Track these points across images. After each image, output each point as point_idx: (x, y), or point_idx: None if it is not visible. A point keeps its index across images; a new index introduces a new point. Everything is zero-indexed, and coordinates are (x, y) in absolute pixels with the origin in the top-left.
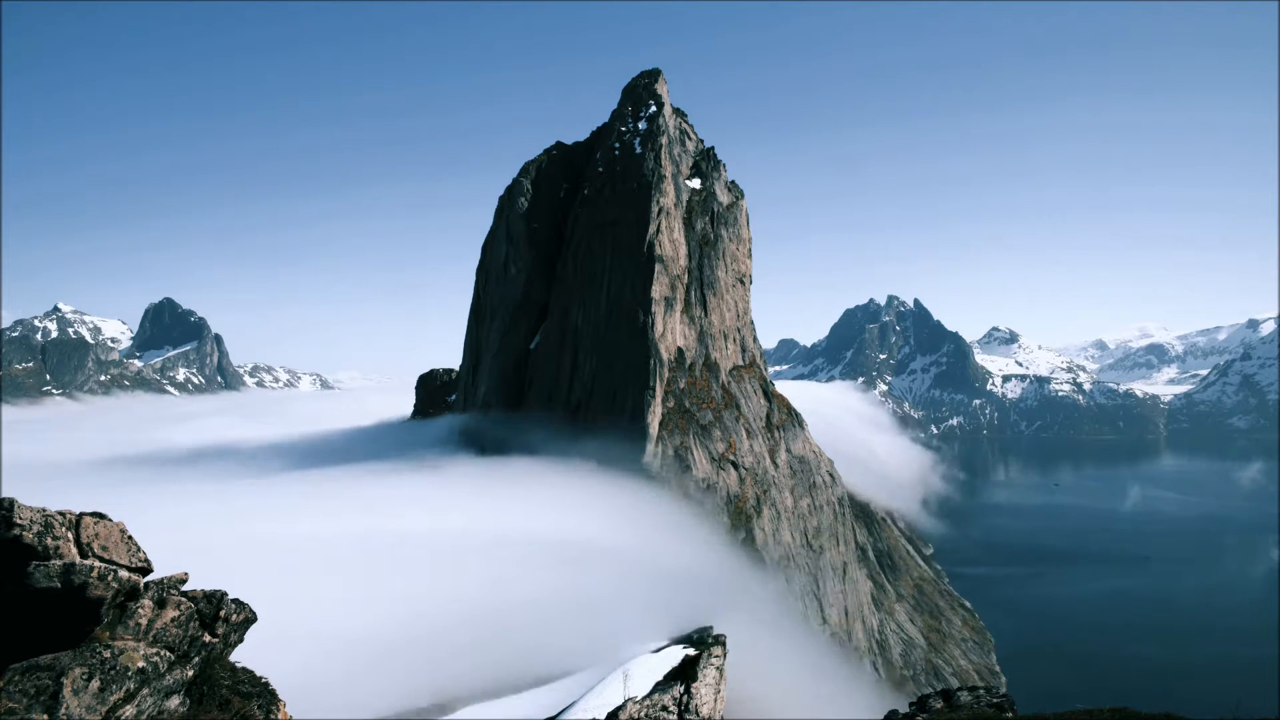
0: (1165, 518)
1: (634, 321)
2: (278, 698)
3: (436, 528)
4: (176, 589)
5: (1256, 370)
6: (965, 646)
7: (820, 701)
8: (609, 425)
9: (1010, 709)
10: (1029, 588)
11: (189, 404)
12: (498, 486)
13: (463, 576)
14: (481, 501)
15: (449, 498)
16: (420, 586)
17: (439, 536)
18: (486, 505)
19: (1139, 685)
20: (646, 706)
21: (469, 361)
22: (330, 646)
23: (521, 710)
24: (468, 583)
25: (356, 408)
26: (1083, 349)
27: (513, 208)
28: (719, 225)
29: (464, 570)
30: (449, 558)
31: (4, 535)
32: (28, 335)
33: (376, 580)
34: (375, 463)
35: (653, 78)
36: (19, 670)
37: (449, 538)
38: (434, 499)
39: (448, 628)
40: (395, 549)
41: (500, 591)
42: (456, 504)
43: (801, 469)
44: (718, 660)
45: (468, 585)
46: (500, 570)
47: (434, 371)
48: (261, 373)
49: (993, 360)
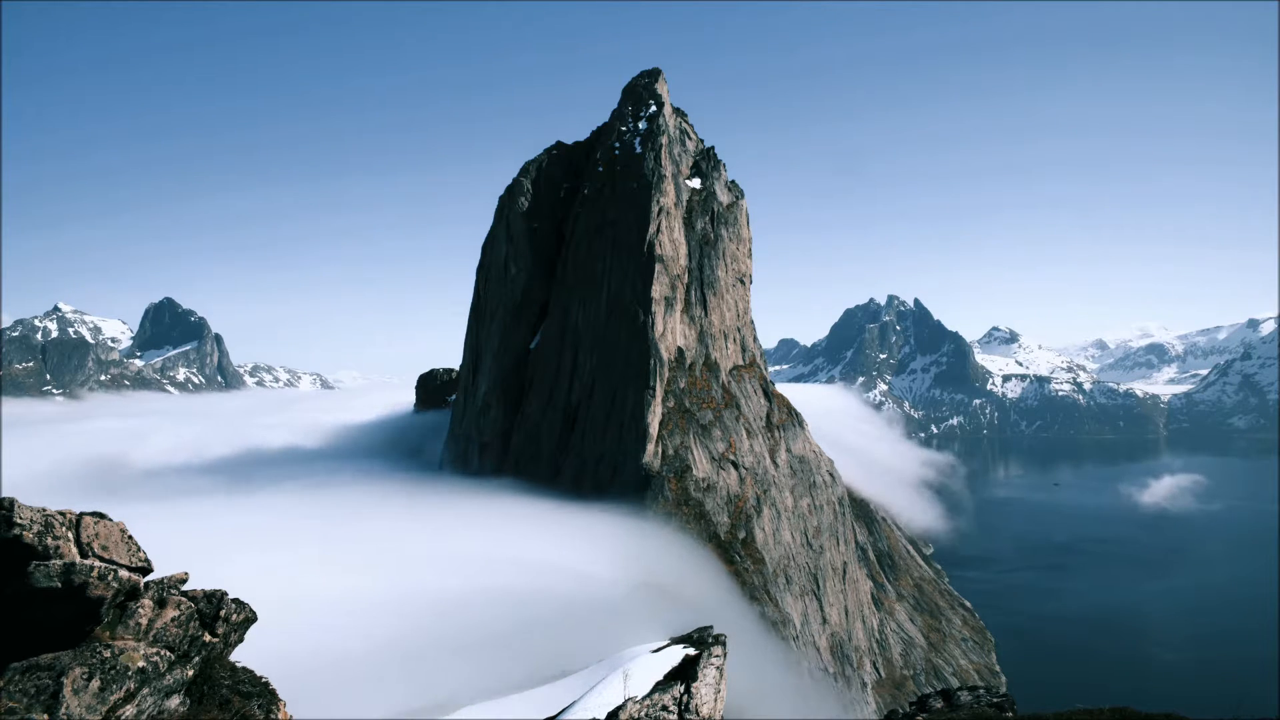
0: (1166, 518)
1: (634, 321)
2: (278, 698)
3: (435, 544)
4: (177, 589)
5: (1257, 370)
6: (965, 646)
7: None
8: (610, 411)
9: (1010, 709)
10: (1029, 587)
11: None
12: (489, 518)
13: (463, 577)
14: (482, 493)
15: (452, 489)
16: (420, 587)
17: (441, 536)
18: (488, 496)
19: (1139, 685)
20: (646, 706)
21: (469, 361)
22: (330, 646)
23: (521, 710)
24: (468, 583)
25: (359, 407)
26: (1083, 349)
27: (513, 207)
28: (719, 225)
29: (464, 571)
30: (449, 559)
31: (4, 535)
32: (28, 335)
33: (377, 580)
34: (371, 484)
35: (653, 77)
36: (19, 670)
37: (448, 552)
38: (436, 490)
39: (447, 627)
40: (395, 549)
41: (500, 591)
42: (458, 499)
43: (802, 469)
44: (718, 660)
45: (468, 585)
46: (501, 571)
47: (434, 371)
48: (261, 372)
49: (993, 360)
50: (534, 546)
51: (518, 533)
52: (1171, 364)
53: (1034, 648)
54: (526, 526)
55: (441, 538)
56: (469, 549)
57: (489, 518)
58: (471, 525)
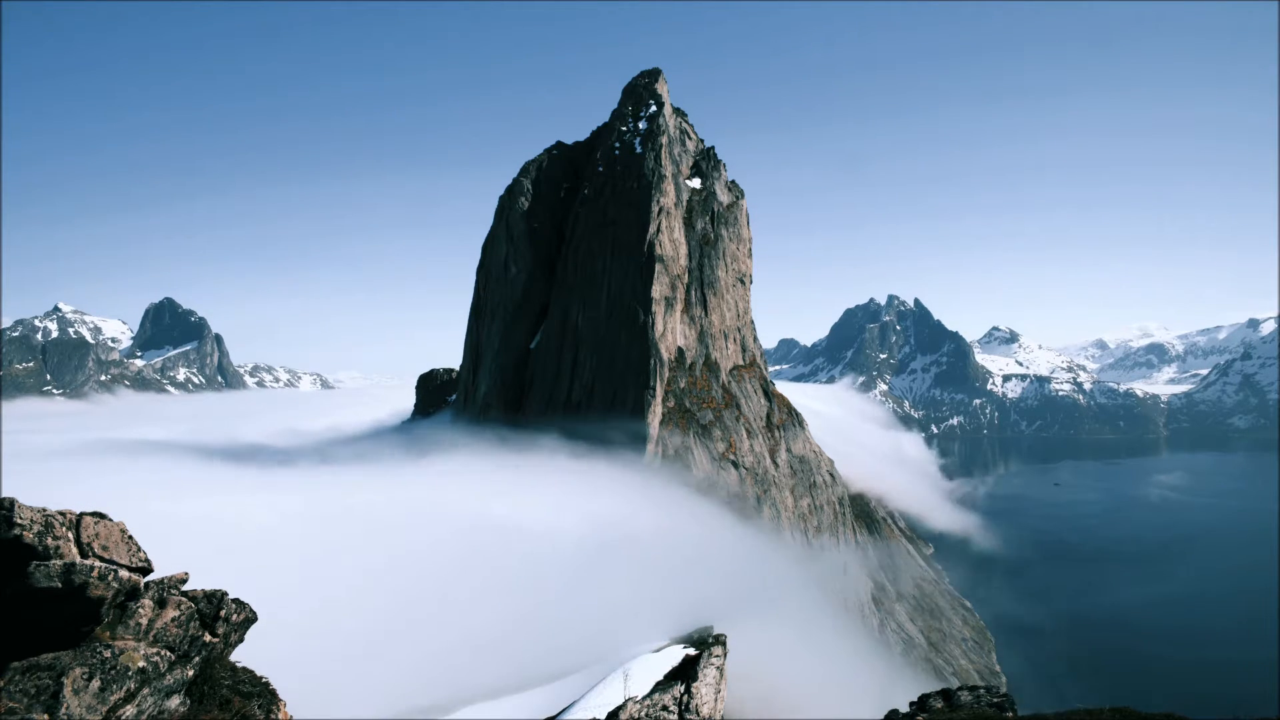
0: (1166, 517)
1: (634, 321)
2: (278, 698)
3: (437, 524)
4: (177, 589)
5: (1257, 370)
6: (965, 646)
7: (847, 694)
8: (609, 416)
9: (1010, 709)
10: (1029, 587)
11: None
12: (500, 475)
13: (463, 577)
14: (483, 492)
15: (454, 489)
16: (421, 587)
17: (440, 537)
18: (488, 496)
19: (1139, 685)
20: (647, 706)
21: (469, 361)
22: (331, 646)
23: (521, 710)
24: (468, 583)
25: (361, 406)
26: (1083, 349)
27: (513, 207)
28: (719, 225)
29: (464, 571)
30: (449, 559)
31: (4, 535)
32: (28, 335)
33: (377, 580)
34: (378, 462)
35: (653, 77)
36: (19, 670)
37: (450, 536)
38: (437, 490)
39: (448, 628)
40: (396, 549)
41: (501, 592)
42: (459, 498)
43: (802, 468)
44: (718, 660)
45: (468, 586)
46: (501, 571)
47: (434, 371)
48: (262, 372)
49: (993, 360)
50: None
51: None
52: (1171, 364)
53: (1034, 648)
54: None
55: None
56: (478, 537)
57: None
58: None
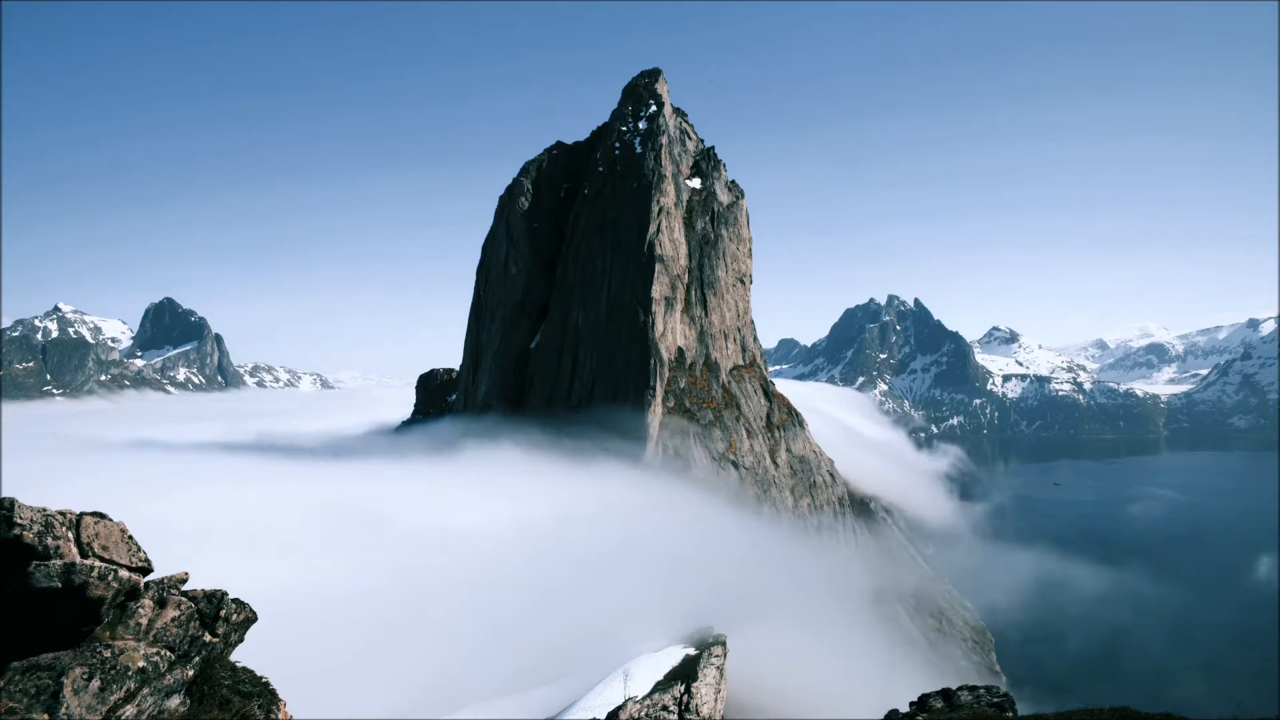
0: (1166, 517)
1: (634, 321)
2: (278, 698)
3: (437, 524)
4: (177, 589)
5: (1257, 370)
6: (965, 646)
7: (847, 694)
8: (609, 416)
9: (1010, 709)
10: (1029, 587)
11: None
12: (500, 475)
13: (464, 577)
14: (483, 493)
15: (453, 489)
16: (421, 587)
17: (439, 537)
18: (488, 496)
19: (1139, 685)
20: (647, 706)
21: (469, 361)
22: (331, 646)
23: (521, 710)
24: (469, 583)
25: (361, 406)
26: (1083, 349)
27: (513, 207)
28: (719, 225)
29: (465, 571)
30: (448, 559)
31: (4, 535)
32: (28, 335)
33: (377, 580)
34: (378, 462)
35: (653, 77)
36: (19, 670)
37: (449, 536)
38: (437, 490)
39: (448, 628)
40: (396, 549)
41: (501, 591)
42: (458, 498)
43: (802, 468)
44: (718, 660)
45: (468, 586)
46: (500, 571)
47: (434, 371)
48: (262, 372)
49: (993, 360)
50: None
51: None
52: (1171, 364)
53: (1034, 648)
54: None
55: (451, 526)
56: (479, 537)
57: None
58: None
